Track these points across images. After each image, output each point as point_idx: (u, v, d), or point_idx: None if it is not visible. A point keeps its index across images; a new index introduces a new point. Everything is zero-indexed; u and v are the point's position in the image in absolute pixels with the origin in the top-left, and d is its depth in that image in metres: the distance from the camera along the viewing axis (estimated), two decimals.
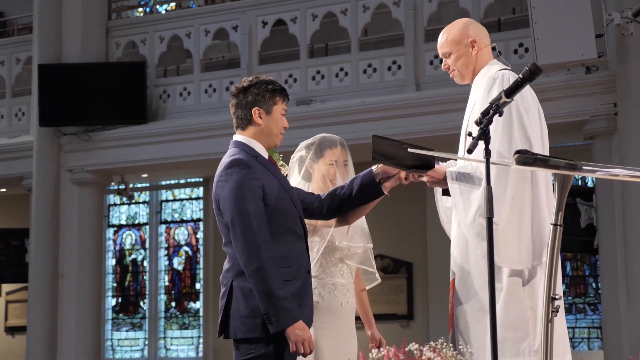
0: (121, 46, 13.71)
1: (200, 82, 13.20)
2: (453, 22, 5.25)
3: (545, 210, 4.85)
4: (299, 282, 4.69)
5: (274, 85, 4.81)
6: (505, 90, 4.42)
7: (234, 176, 4.62)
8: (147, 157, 13.14)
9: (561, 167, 4.31)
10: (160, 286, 17.43)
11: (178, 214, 17.56)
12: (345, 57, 12.48)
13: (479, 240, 4.82)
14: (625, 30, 10.41)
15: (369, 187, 4.95)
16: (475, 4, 11.84)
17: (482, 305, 4.85)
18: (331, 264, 5.57)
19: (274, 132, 4.81)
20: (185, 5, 16.51)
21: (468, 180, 4.88)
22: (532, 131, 4.90)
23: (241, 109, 4.80)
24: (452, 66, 5.17)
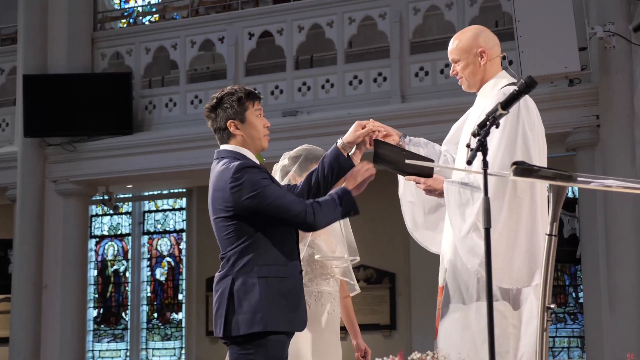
0: (107, 57, 13.75)
1: (186, 93, 13.25)
2: (465, 29, 5.29)
3: (541, 232, 4.86)
4: (294, 281, 4.79)
5: (238, 93, 4.86)
6: (502, 103, 4.44)
7: (247, 176, 4.68)
8: (133, 167, 13.17)
9: (557, 179, 4.38)
10: (143, 297, 17.41)
11: (161, 225, 17.56)
12: (331, 68, 12.58)
13: (470, 256, 4.84)
14: (608, 43, 10.57)
15: (339, 163, 4.99)
16: (460, 17, 11.96)
17: (468, 320, 4.91)
18: (317, 272, 5.63)
19: (257, 137, 4.87)
20: (169, 16, 16.55)
21: (465, 195, 4.90)
22: (534, 150, 4.93)
23: (218, 126, 4.88)
24: (460, 73, 5.20)
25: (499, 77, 5.17)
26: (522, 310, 4.90)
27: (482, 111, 5.02)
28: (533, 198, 4.89)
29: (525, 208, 4.86)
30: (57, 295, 13.19)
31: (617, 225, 10.56)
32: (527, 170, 4.38)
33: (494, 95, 5.04)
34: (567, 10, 10.23)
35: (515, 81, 5.15)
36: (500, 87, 5.09)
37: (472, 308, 4.93)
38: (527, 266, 4.85)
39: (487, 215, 4.37)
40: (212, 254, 16.05)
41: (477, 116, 5.08)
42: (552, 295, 4.88)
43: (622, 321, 10.48)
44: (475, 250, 4.82)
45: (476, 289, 4.91)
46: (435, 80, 11.96)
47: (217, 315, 4.77)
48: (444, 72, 11.98)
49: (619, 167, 10.47)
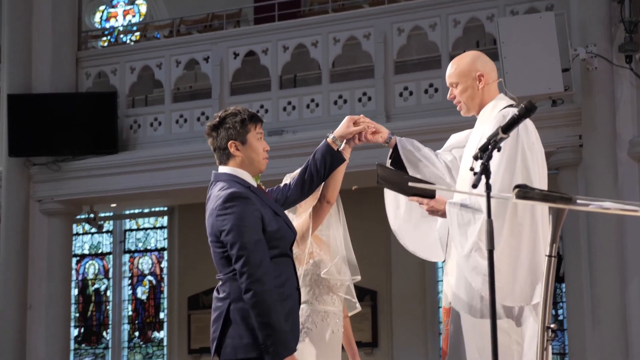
0: (91, 76, 13.77)
1: (171, 112, 13.30)
2: (463, 54, 5.35)
3: (542, 250, 4.95)
4: (291, 300, 4.86)
5: (242, 115, 4.90)
6: (502, 127, 4.52)
7: (235, 209, 4.71)
8: (118, 187, 13.19)
9: (557, 201, 4.47)
10: (124, 316, 17.39)
11: (142, 243, 17.56)
12: (316, 88, 12.66)
13: (474, 274, 4.93)
14: (590, 65, 10.72)
15: (330, 157, 5.12)
16: (444, 37, 12.09)
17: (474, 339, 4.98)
18: (324, 292, 5.68)
19: (256, 159, 4.92)
20: (150, 35, 16.62)
21: (467, 214, 4.98)
22: (534, 171, 5.01)
23: (218, 145, 4.92)
24: (458, 97, 5.27)
25: (498, 100, 5.25)
26: (525, 328, 4.99)
27: (482, 134, 5.11)
28: (534, 217, 4.98)
29: (527, 227, 4.95)
30: (42, 315, 13.17)
31: (600, 244, 10.68)
32: (528, 194, 4.48)
33: (494, 117, 5.12)
34: (551, 31, 10.39)
35: (514, 103, 5.25)
36: (500, 110, 5.18)
37: (478, 327, 5.00)
38: (530, 284, 4.94)
39: (490, 237, 4.45)
40: (194, 272, 16.25)
41: (477, 139, 5.17)
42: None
43: (605, 337, 10.59)
44: (478, 269, 4.92)
45: (480, 308, 4.99)
46: (420, 100, 12.07)
47: (213, 337, 4.83)
48: (428, 92, 12.10)
49: (602, 187, 10.61)
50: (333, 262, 5.70)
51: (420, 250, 5.49)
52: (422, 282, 15.19)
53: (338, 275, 5.72)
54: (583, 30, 10.85)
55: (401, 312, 14.92)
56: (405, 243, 5.48)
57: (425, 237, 5.45)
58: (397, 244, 15.28)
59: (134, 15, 18.62)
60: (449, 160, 5.43)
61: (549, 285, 4.54)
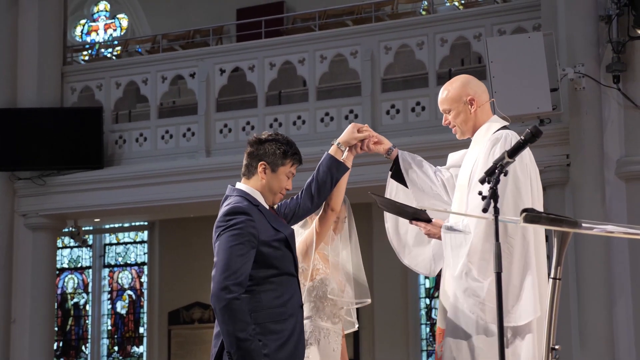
0: (77, 91, 13.75)
1: (156, 128, 13.29)
2: (453, 79, 5.41)
3: (535, 270, 5.02)
4: (294, 319, 4.87)
5: (287, 147, 4.94)
6: (508, 151, 4.61)
7: (232, 222, 4.75)
8: (103, 202, 13.17)
9: (563, 224, 4.53)
10: (103, 330, 17.34)
11: (122, 258, 17.52)
12: (303, 105, 12.71)
13: (466, 296, 5.00)
14: (578, 84, 10.80)
15: (336, 168, 5.21)
16: (432, 56, 12.16)
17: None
18: (327, 310, 5.73)
19: (274, 190, 4.95)
20: (131, 49, 16.61)
21: (458, 237, 5.06)
22: (526, 194, 5.07)
23: (251, 159, 4.94)
24: (452, 122, 5.32)
25: (492, 122, 5.30)
26: (517, 347, 5.02)
27: (476, 155, 5.19)
28: (525, 238, 5.03)
29: (518, 248, 5.00)
30: (26, 329, 13.11)
31: (587, 263, 10.73)
32: (535, 217, 4.53)
33: (487, 140, 5.18)
34: (539, 51, 10.47)
35: (508, 124, 5.31)
36: (493, 132, 5.23)
37: (472, 348, 5.04)
38: (522, 304, 4.99)
39: (498, 259, 4.52)
40: (174, 287, 16.22)
41: (472, 160, 5.23)
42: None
43: (592, 357, 10.65)
44: (469, 291, 4.99)
45: (474, 329, 5.03)
46: (407, 118, 12.12)
47: (213, 352, 4.85)
48: (415, 110, 12.16)
49: (589, 206, 10.68)
50: (336, 280, 5.74)
51: (415, 265, 5.56)
52: (405, 298, 15.24)
53: (341, 294, 5.75)
54: (571, 50, 10.93)
55: (383, 327, 14.95)
56: (402, 258, 5.54)
57: (421, 254, 5.51)
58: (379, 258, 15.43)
59: (115, 29, 18.59)
60: (445, 179, 5.49)
61: (554, 307, 4.58)
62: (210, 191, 12.53)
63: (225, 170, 12.29)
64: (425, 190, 5.44)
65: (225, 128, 12.93)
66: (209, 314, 16.24)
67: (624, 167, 10.85)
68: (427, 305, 15.72)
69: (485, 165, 5.03)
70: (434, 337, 15.71)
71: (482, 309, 4.96)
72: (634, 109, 10.84)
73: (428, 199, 5.43)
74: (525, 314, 4.96)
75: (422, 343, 15.62)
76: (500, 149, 5.07)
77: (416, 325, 15.48)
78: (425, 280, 15.75)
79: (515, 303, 4.97)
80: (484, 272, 4.95)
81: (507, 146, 5.04)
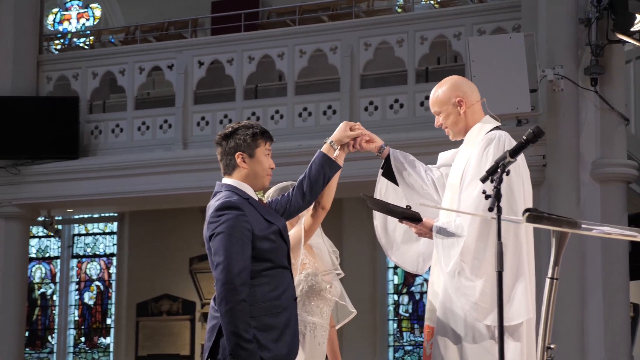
0: (52, 80, 13.67)
1: (133, 119, 13.24)
2: (442, 81, 5.42)
3: (527, 270, 5.05)
4: (288, 312, 4.90)
5: (254, 129, 4.96)
6: (510, 151, 4.66)
7: (224, 218, 4.77)
8: (78, 192, 13.10)
9: (564, 225, 4.60)
10: (70, 321, 17.28)
11: (91, 249, 17.44)
12: (281, 99, 12.70)
13: (458, 295, 5.02)
14: (556, 86, 10.90)
15: (328, 166, 5.19)
16: (411, 53, 12.20)
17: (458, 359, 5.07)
18: (314, 304, 5.72)
19: (260, 174, 4.96)
20: (105, 39, 16.53)
21: (450, 237, 5.08)
22: (518, 194, 5.12)
23: (226, 155, 4.95)
24: (444, 124, 5.33)
25: (484, 122, 5.32)
26: (507, 347, 4.99)
27: (468, 156, 5.22)
28: (517, 238, 5.07)
29: (510, 248, 5.02)
30: None
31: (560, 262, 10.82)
32: (538, 217, 4.59)
33: (480, 140, 5.21)
34: (520, 52, 10.55)
35: (499, 125, 5.34)
36: (486, 132, 5.25)
37: (462, 347, 5.08)
38: (515, 305, 5.01)
39: (500, 258, 4.55)
40: (143, 279, 16.19)
41: (464, 161, 5.25)
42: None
43: (563, 357, 10.76)
44: (461, 290, 5.01)
45: (464, 328, 5.06)
46: (385, 115, 12.17)
47: (207, 346, 4.86)
48: (394, 108, 12.20)
49: (564, 207, 10.77)
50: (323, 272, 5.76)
51: (403, 262, 5.57)
52: (373, 293, 15.30)
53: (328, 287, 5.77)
54: (550, 51, 11.02)
55: (351, 323, 14.91)
56: (390, 255, 5.56)
57: (409, 251, 5.52)
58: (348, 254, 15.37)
59: (88, 18, 18.49)
60: (436, 178, 5.50)
61: (550, 307, 4.64)
62: (187, 184, 12.53)
63: (202, 163, 12.28)
64: (416, 190, 5.45)
65: (203, 121, 12.91)
66: (178, 306, 16.23)
67: (599, 169, 10.96)
68: (395, 301, 15.80)
69: (478, 165, 5.10)
70: (401, 333, 15.81)
71: (474, 308, 4.98)
72: (610, 111, 10.95)
73: (419, 198, 5.42)
74: (518, 314, 4.98)
75: (389, 338, 15.70)
76: (493, 149, 5.10)
77: (383, 321, 15.56)
78: (394, 276, 15.84)
79: (507, 303, 4.97)
80: (477, 271, 4.98)
81: (500, 146, 5.10)
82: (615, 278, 10.79)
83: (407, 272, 15.91)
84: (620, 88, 11.14)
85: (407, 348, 15.71)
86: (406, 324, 15.81)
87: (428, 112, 11.93)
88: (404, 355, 15.70)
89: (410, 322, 15.78)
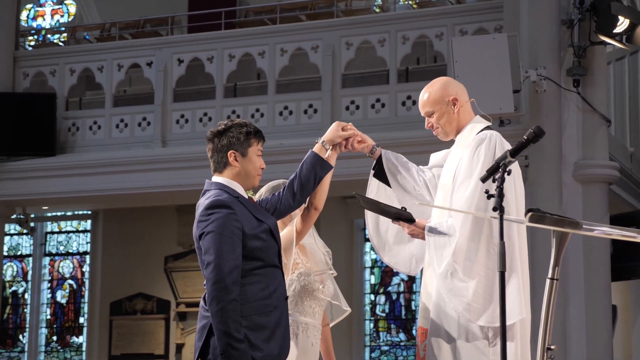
0: (29, 76, 13.54)
1: (111, 116, 13.13)
2: (432, 81, 5.40)
3: (519, 271, 5.07)
4: (279, 311, 4.87)
5: (248, 128, 4.94)
6: (510, 150, 4.67)
7: (214, 216, 4.74)
8: (55, 190, 12.99)
9: (566, 226, 4.60)
10: (42, 319, 17.13)
11: (64, 247, 17.30)
12: (262, 98, 12.65)
13: (451, 296, 5.02)
14: (539, 87, 10.91)
15: (319, 166, 5.16)
16: (393, 53, 12.19)
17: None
18: (306, 304, 5.69)
19: (251, 174, 4.93)
20: (79, 36, 16.39)
21: (442, 238, 5.08)
22: (510, 193, 5.09)
23: (217, 153, 4.92)
24: (436, 124, 5.29)
25: (475, 122, 5.32)
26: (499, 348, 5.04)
27: (460, 157, 5.21)
28: (510, 238, 5.06)
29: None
30: None
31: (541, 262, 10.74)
32: (540, 218, 4.59)
33: (472, 140, 5.20)
34: (503, 53, 10.56)
35: (490, 124, 5.35)
36: (477, 132, 5.25)
37: (456, 348, 5.07)
38: (508, 306, 4.89)
39: (502, 258, 4.55)
40: (117, 277, 16.08)
41: (455, 161, 5.24)
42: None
43: None
44: (454, 291, 5.01)
45: (457, 329, 5.05)
46: (366, 114, 12.15)
47: (197, 346, 4.82)
48: (375, 107, 12.18)
49: (546, 207, 10.59)
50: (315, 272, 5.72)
51: (395, 263, 5.55)
52: (350, 293, 15.28)
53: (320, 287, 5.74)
54: (532, 52, 11.05)
55: None
56: (382, 256, 5.54)
57: (401, 252, 5.51)
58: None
59: (63, 15, 18.34)
60: (428, 179, 5.49)
61: (550, 307, 4.64)
62: (166, 182, 12.46)
63: (181, 161, 12.21)
64: (408, 191, 5.43)
65: (182, 119, 12.84)
66: (152, 305, 16.13)
67: (580, 170, 11.00)
68: (371, 301, 15.79)
69: (469, 165, 5.10)
70: (377, 333, 15.80)
71: (467, 309, 4.97)
72: (592, 113, 11.00)
73: (410, 199, 5.41)
74: (510, 315, 4.94)
75: (365, 338, 15.68)
76: (485, 149, 5.10)
77: (360, 321, 15.54)
78: (371, 276, 15.83)
79: (497, 303, 4.88)
80: (469, 272, 4.98)
81: (491, 146, 5.11)
82: (597, 279, 10.84)
83: (383, 272, 15.93)
84: (602, 89, 11.18)
85: (383, 348, 15.70)
86: (383, 324, 15.80)
87: (410, 112, 12.05)
88: (381, 355, 15.69)
89: (387, 322, 15.77)
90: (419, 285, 15.63)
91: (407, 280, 15.78)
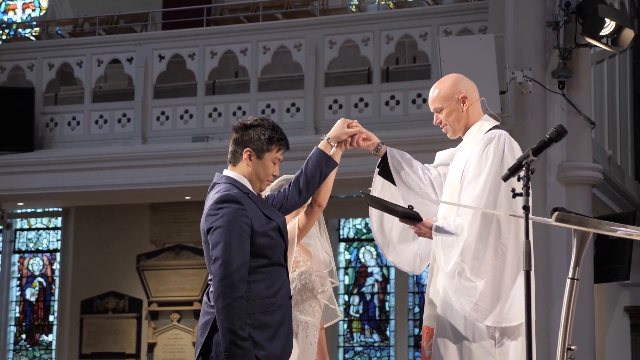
0: (6, 71, 13.37)
1: (90, 112, 13.00)
2: (443, 78, 5.42)
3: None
4: (283, 311, 4.84)
5: (272, 132, 4.88)
6: (533, 149, 4.64)
7: (224, 211, 4.69)
8: (33, 186, 12.85)
9: (590, 225, 4.60)
10: (11, 317, 16.94)
11: (33, 244, 17.10)
12: (244, 96, 12.58)
13: (458, 295, 5.00)
14: (525, 88, 10.93)
15: (324, 162, 5.12)
16: (377, 53, 12.17)
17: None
18: (306, 303, 5.67)
19: (260, 177, 4.90)
20: (52, 31, 16.21)
21: (450, 238, 5.06)
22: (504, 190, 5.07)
23: (236, 145, 4.89)
24: (444, 121, 5.28)
25: (483, 121, 5.30)
26: (506, 348, 5.04)
27: (468, 155, 5.19)
28: (518, 238, 5.05)
29: (511, 248, 5.02)
30: None
31: None
32: (566, 217, 4.60)
33: (480, 139, 5.19)
34: (490, 53, 10.56)
35: (499, 123, 5.32)
36: (485, 131, 5.23)
37: (462, 348, 5.06)
38: (514, 305, 5.00)
39: (528, 257, 4.56)
40: (88, 275, 15.93)
41: (463, 160, 5.23)
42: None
43: None
44: (462, 291, 5.00)
45: (464, 329, 5.04)
46: (349, 114, 12.10)
47: (199, 342, 4.79)
48: (358, 106, 12.15)
49: (532, 207, 10.79)
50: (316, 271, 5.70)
51: (399, 262, 5.53)
52: None
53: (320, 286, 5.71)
54: (518, 54, 11.05)
55: None
56: (386, 255, 5.53)
57: (405, 251, 5.50)
58: None
59: (34, 9, 18.14)
60: (433, 177, 5.48)
61: (571, 308, 4.67)
62: (146, 178, 12.37)
63: (162, 158, 12.13)
64: (413, 189, 5.41)
65: (163, 115, 12.74)
66: (124, 303, 16.01)
67: (564, 172, 11.03)
68: (345, 301, 15.78)
69: (478, 164, 5.09)
70: (351, 333, 15.78)
71: (474, 309, 4.96)
72: (577, 115, 11.02)
73: (415, 197, 5.40)
74: (517, 315, 4.96)
75: (339, 339, 15.67)
76: (494, 148, 5.09)
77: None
78: (345, 276, 15.81)
79: (508, 304, 4.99)
80: (477, 272, 4.96)
81: (500, 146, 5.10)
82: (581, 282, 10.81)
83: (357, 273, 15.92)
84: (587, 92, 11.22)
85: (357, 349, 15.68)
86: (356, 324, 15.79)
87: (393, 112, 12.04)
88: (354, 356, 15.69)
89: (361, 322, 15.76)
90: (392, 286, 15.66)
91: (381, 281, 15.79)
